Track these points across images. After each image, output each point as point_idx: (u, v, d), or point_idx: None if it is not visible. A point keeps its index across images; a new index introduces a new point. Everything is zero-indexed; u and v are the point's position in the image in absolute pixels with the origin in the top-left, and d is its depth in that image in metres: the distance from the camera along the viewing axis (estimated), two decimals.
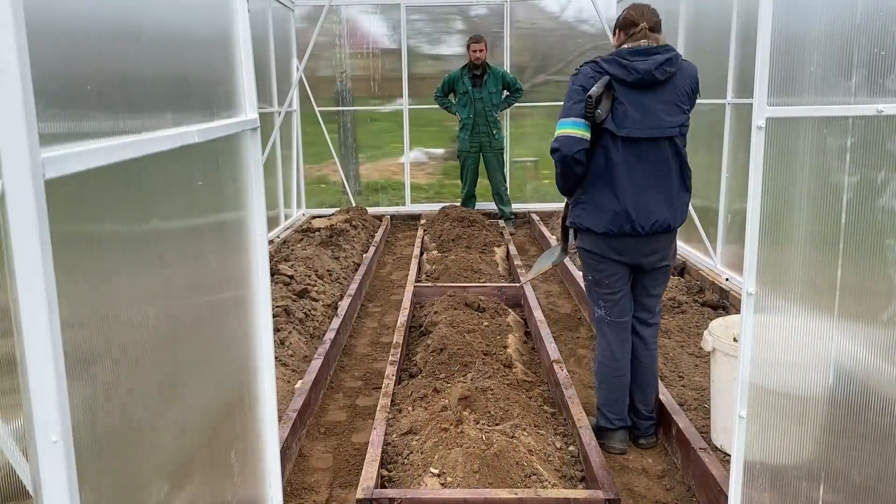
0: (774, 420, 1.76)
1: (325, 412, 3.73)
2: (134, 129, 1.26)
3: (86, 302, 1.11)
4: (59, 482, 1.00)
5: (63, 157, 1.01)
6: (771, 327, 1.72)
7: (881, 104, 1.55)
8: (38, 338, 0.95)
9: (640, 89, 2.93)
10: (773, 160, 1.62)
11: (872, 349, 1.70)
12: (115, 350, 1.19)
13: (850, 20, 1.58)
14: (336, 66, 8.81)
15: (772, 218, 1.65)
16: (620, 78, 2.92)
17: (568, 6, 8.73)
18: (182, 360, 1.50)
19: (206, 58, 1.69)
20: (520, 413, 3.17)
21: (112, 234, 1.21)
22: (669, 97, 2.96)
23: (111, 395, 1.18)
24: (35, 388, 0.97)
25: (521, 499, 2.51)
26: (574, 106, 2.94)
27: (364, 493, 2.57)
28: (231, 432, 1.80)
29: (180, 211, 1.50)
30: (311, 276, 5.48)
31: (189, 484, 1.51)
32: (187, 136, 1.46)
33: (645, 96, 2.93)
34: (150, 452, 1.34)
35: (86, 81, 1.13)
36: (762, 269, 1.66)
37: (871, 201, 1.62)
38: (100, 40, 1.20)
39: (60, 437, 0.99)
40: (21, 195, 0.92)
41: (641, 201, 2.99)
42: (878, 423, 1.70)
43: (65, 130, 1.05)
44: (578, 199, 3.14)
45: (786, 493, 1.78)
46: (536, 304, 4.80)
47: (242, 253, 1.88)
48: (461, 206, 8.13)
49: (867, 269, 1.68)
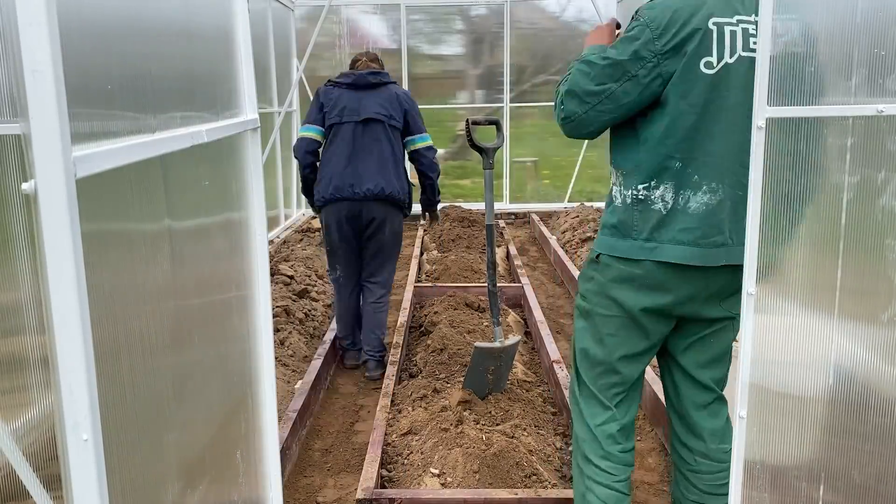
0: (774, 420, 1.76)
1: (326, 411, 3.73)
2: (149, 129, 1.27)
3: (102, 302, 1.11)
4: (89, 480, 1.01)
5: (92, 157, 1.01)
6: (771, 327, 1.72)
7: (881, 104, 1.55)
8: (70, 337, 0.96)
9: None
10: (773, 160, 1.62)
11: (872, 349, 1.70)
12: (131, 349, 1.20)
13: (850, 20, 1.58)
14: (336, 66, 8.81)
15: (772, 218, 1.65)
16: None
17: (568, 6, 8.74)
18: (190, 359, 1.50)
19: (210, 56, 1.69)
20: (520, 413, 3.17)
21: (126, 234, 1.21)
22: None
23: (127, 394, 1.18)
24: (67, 387, 0.97)
25: (521, 499, 2.51)
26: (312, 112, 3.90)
27: (364, 493, 2.57)
28: (237, 432, 1.81)
29: (188, 211, 1.50)
30: (311, 276, 5.48)
31: (200, 484, 1.52)
32: (197, 135, 1.46)
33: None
34: (165, 451, 1.35)
35: (107, 80, 1.13)
36: (762, 268, 1.66)
37: (871, 201, 1.62)
38: (116, 38, 1.20)
39: (91, 436, 0.99)
40: (54, 194, 0.93)
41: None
42: (878, 423, 1.70)
43: (88, 130, 1.06)
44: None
45: (786, 493, 1.78)
46: (536, 304, 4.80)
47: (243, 253, 1.89)
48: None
49: (867, 269, 1.68)
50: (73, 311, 0.95)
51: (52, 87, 0.90)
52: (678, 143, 1.88)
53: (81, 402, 0.98)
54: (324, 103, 3.80)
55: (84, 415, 0.98)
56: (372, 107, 3.76)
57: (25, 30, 0.89)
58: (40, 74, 0.90)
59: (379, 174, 3.74)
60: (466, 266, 5.76)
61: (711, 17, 1.83)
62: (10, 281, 1.56)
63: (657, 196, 1.91)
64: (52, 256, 0.94)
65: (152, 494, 1.31)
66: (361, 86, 3.79)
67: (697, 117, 1.86)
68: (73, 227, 0.94)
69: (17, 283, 1.54)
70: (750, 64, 1.79)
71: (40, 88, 0.90)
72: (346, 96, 3.78)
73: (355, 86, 3.79)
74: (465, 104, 9.14)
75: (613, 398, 2.08)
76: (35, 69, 0.89)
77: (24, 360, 1.71)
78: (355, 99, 3.77)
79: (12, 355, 1.62)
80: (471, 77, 9.12)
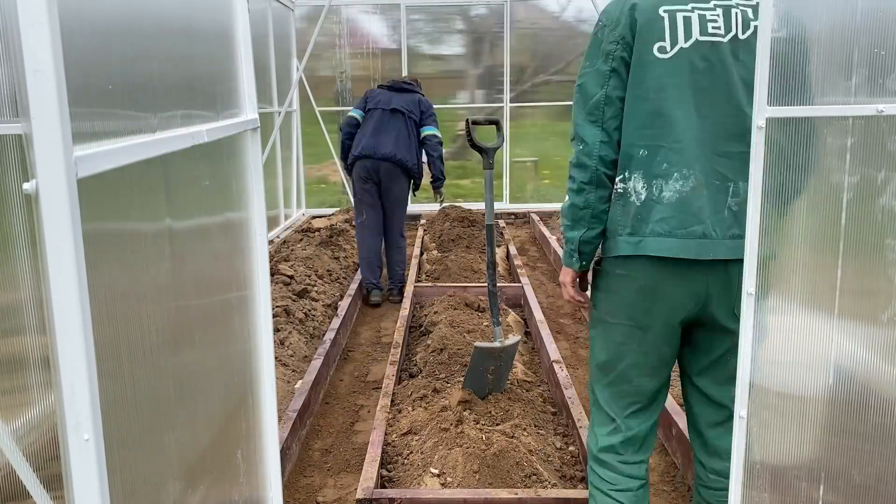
0: (774, 420, 1.76)
1: (326, 411, 3.73)
2: (150, 129, 1.27)
3: (103, 302, 1.11)
4: (90, 480, 1.01)
5: (93, 156, 1.01)
6: (771, 327, 1.72)
7: (881, 104, 1.55)
8: (71, 337, 0.96)
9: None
10: (773, 160, 1.62)
11: (872, 349, 1.70)
12: (131, 349, 1.20)
13: (850, 20, 1.58)
14: (336, 66, 8.81)
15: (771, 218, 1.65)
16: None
17: (568, 6, 8.74)
18: (191, 359, 1.50)
19: (210, 56, 1.69)
20: (520, 413, 3.17)
21: (127, 234, 1.21)
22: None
23: (128, 394, 1.18)
24: (68, 386, 0.97)
25: (521, 499, 2.51)
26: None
27: (364, 493, 2.57)
28: (237, 432, 1.81)
29: (188, 211, 1.50)
30: (311, 276, 5.48)
31: (200, 483, 1.52)
32: (198, 135, 1.46)
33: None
34: (166, 451, 1.35)
35: (107, 80, 1.13)
36: (762, 268, 1.66)
37: (871, 201, 1.62)
38: (117, 38, 1.20)
39: (92, 436, 0.99)
40: (55, 194, 0.93)
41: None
42: (878, 423, 1.70)
43: (89, 129, 1.06)
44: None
45: (786, 493, 1.78)
46: (536, 304, 4.80)
47: (243, 253, 1.89)
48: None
49: (867, 269, 1.68)
50: (74, 310, 0.95)
51: (53, 86, 0.90)
52: (639, 129, 1.88)
53: (83, 402, 0.98)
54: (368, 97, 5.51)
55: (85, 415, 0.99)
56: (398, 102, 5.38)
57: (27, 30, 0.89)
58: (41, 74, 0.90)
59: (393, 145, 5.24)
60: (466, 266, 5.76)
61: (661, 6, 1.85)
62: (10, 281, 1.56)
63: (631, 188, 1.90)
64: (53, 256, 0.94)
65: (153, 494, 1.31)
66: (396, 88, 5.52)
67: (655, 102, 1.85)
68: (74, 227, 0.94)
69: (17, 283, 1.54)
70: (710, 48, 1.83)
71: (41, 88, 0.90)
72: (383, 94, 5.48)
73: (391, 88, 5.54)
74: (465, 104, 9.14)
75: (624, 409, 2.04)
76: (36, 69, 0.89)
77: (25, 360, 1.71)
78: (388, 95, 5.44)
79: (13, 355, 1.62)
80: (471, 77, 9.12)
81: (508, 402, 3.25)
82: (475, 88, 9.14)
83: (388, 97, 5.41)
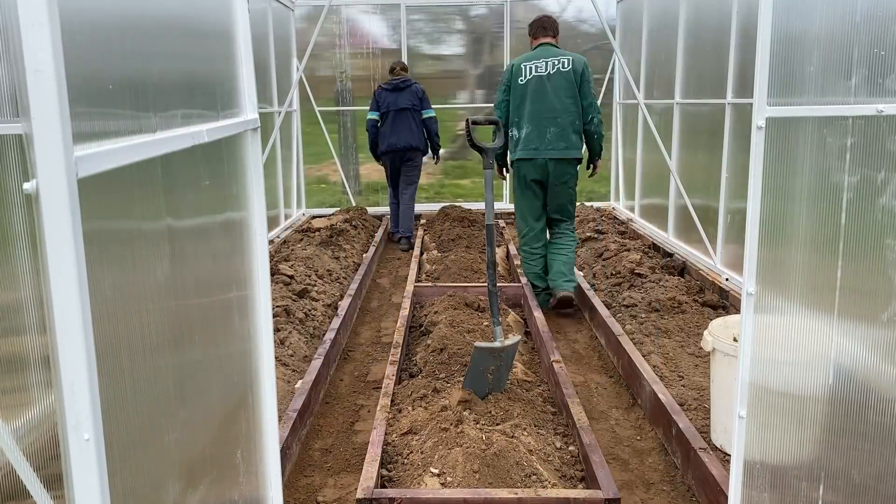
0: (774, 420, 1.77)
1: (326, 411, 3.74)
2: (150, 128, 1.27)
3: (103, 301, 1.11)
4: (90, 479, 1.01)
5: (93, 156, 1.01)
6: (771, 327, 1.72)
7: (881, 104, 1.55)
8: (71, 337, 0.96)
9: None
10: (773, 160, 1.62)
11: (872, 349, 1.70)
12: (132, 348, 1.20)
13: (850, 20, 1.58)
14: (336, 66, 8.82)
15: (772, 218, 1.66)
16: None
17: (568, 6, 8.74)
18: (191, 359, 1.50)
19: (210, 56, 1.69)
20: (520, 413, 3.17)
21: (127, 233, 1.21)
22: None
23: (129, 393, 1.19)
24: (68, 386, 0.97)
25: (521, 499, 2.51)
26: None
27: (364, 492, 2.57)
28: (237, 432, 1.81)
29: (188, 211, 1.50)
30: (311, 276, 5.49)
31: (201, 483, 1.52)
32: (198, 135, 1.46)
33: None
34: (166, 450, 1.35)
35: (108, 80, 1.13)
36: (762, 268, 1.67)
37: (872, 201, 1.63)
38: (117, 38, 1.20)
39: (92, 435, 0.99)
40: (55, 194, 0.93)
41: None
42: (878, 422, 1.70)
43: (89, 129, 1.06)
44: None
45: (786, 493, 1.79)
46: (536, 305, 4.80)
47: (243, 253, 1.89)
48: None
49: (867, 269, 1.68)
50: (74, 310, 0.95)
51: (53, 86, 0.90)
52: (515, 111, 5.09)
53: (83, 402, 0.98)
54: (378, 100, 7.29)
55: (86, 414, 0.98)
56: (403, 101, 7.20)
57: (27, 30, 0.89)
58: (42, 74, 0.90)
59: (408, 136, 7.24)
60: (466, 266, 5.76)
61: (522, 63, 5.05)
62: (11, 280, 1.56)
63: (513, 133, 5.13)
64: (53, 256, 0.94)
65: (153, 494, 1.32)
66: (397, 89, 7.23)
67: (520, 101, 5.05)
68: (74, 227, 0.94)
69: (18, 283, 1.54)
70: (538, 78, 5.00)
71: (42, 88, 0.90)
72: (389, 95, 7.24)
73: (394, 89, 7.24)
74: (465, 104, 9.15)
75: (528, 221, 5.31)
76: (37, 69, 0.89)
77: (25, 359, 1.71)
78: (394, 96, 7.22)
79: (13, 355, 1.62)
80: (471, 77, 9.12)
81: (508, 402, 3.25)
82: (475, 88, 9.14)
83: (394, 98, 7.18)
